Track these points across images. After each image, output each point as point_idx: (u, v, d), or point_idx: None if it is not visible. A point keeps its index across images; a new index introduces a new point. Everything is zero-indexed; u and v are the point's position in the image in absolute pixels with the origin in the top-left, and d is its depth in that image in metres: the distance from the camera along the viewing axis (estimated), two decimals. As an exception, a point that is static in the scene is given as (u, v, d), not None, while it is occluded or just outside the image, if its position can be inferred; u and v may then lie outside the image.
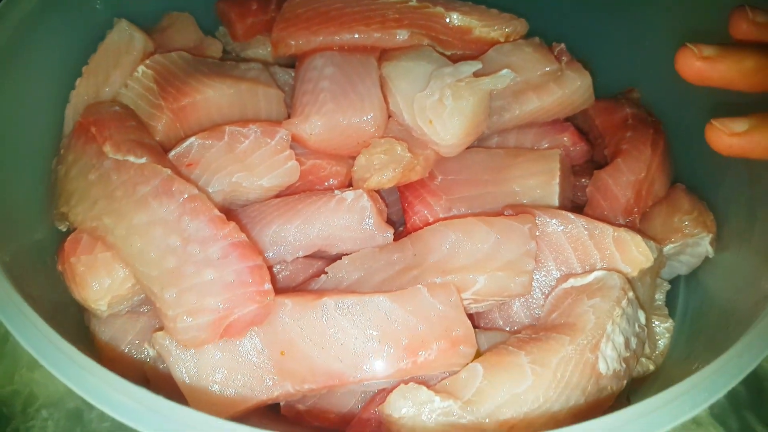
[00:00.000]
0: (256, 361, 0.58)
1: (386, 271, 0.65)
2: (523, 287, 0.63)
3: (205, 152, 0.68)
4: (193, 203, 0.58)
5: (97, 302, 0.61)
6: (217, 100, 0.72)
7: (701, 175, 0.79)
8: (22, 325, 0.49)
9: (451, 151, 0.73)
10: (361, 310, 0.58)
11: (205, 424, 0.40)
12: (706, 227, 0.72)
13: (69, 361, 0.47)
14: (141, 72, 0.73)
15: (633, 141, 0.79)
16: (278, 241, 0.67)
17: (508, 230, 0.64)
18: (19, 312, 0.50)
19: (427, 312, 0.59)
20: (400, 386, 0.54)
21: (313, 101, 0.74)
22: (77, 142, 0.66)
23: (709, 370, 0.46)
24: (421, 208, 0.73)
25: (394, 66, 0.76)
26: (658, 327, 0.72)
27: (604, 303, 0.60)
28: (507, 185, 0.74)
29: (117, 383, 0.45)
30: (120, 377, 0.45)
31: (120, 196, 0.60)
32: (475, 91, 0.71)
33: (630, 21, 0.88)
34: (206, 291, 0.55)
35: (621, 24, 0.89)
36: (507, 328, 0.68)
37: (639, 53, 0.89)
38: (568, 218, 0.67)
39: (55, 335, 0.49)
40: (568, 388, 0.54)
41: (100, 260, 0.61)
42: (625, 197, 0.75)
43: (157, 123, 0.70)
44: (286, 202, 0.70)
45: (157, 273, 0.56)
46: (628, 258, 0.65)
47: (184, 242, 0.57)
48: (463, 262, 0.63)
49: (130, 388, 0.44)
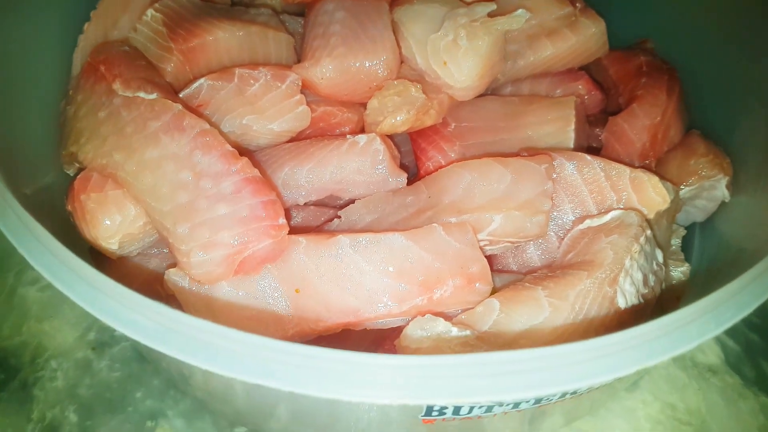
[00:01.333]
0: (270, 298, 0.58)
1: (400, 213, 0.65)
2: (540, 227, 0.62)
3: (214, 94, 0.67)
4: (205, 137, 0.57)
5: (108, 240, 0.60)
6: (226, 42, 0.71)
7: (716, 121, 0.78)
8: (33, 246, 0.48)
9: (466, 93, 0.72)
10: (376, 247, 0.58)
11: (229, 337, 0.39)
12: (723, 169, 0.72)
13: (85, 283, 0.45)
14: (150, 15, 0.72)
15: (648, 87, 0.78)
16: (290, 184, 0.67)
17: (524, 170, 0.63)
18: (32, 236, 0.49)
19: (443, 249, 0.58)
20: (417, 318, 0.54)
21: (324, 45, 0.72)
22: (86, 82, 0.65)
23: (734, 286, 0.45)
24: (435, 153, 0.72)
25: (406, 10, 0.75)
26: (674, 271, 0.71)
27: (622, 239, 0.59)
28: (522, 131, 0.73)
29: (134, 300, 0.43)
30: (137, 293, 0.44)
31: (130, 132, 0.59)
32: (491, 31, 0.70)
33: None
34: (220, 225, 0.55)
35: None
36: (522, 272, 0.67)
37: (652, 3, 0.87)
38: (584, 159, 0.66)
39: (68, 254, 0.47)
40: (586, 320, 0.54)
41: (110, 197, 0.60)
42: (641, 141, 0.74)
43: (166, 65, 0.69)
44: (297, 146, 0.69)
45: (170, 208, 0.56)
46: (644, 199, 0.64)
47: (196, 177, 0.56)
48: (479, 201, 0.62)
49: (147, 304, 0.43)
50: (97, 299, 0.42)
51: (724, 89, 0.78)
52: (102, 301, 0.42)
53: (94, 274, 0.43)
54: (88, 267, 0.43)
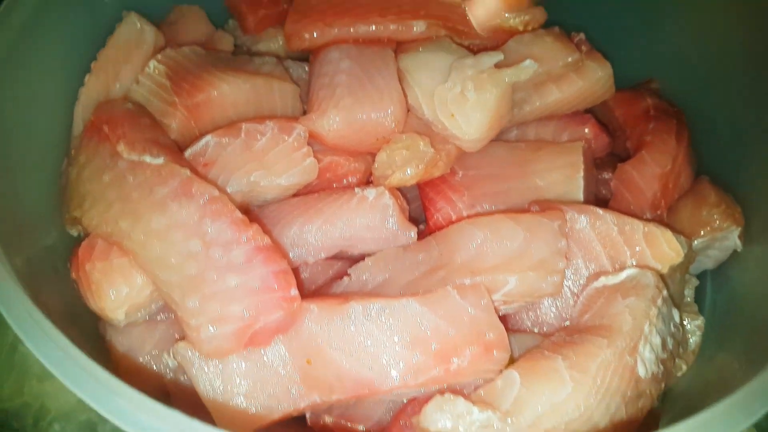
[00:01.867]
0: (281, 370, 0.56)
1: (412, 272, 0.63)
2: (555, 287, 0.61)
3: (221, 151, 0.66)
4: (215, 205, 0.56)
5: (115, 312, 0.59)
6: (232, 95, 0.70)
7: (725, 166, 0.78)
8: (35, 334, 0.48)
9: (473, 145, 0.71)
10: (390, 314, 0.56)
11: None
12: (735, 220, 0.71)
13: (86, 375, 0.45)
14: (153, 67, 0.70)
15: (656, 132, 0.77)
16: (299, 243, 0.65)
17: (537, 227, 0.62)
18: (32, 320, 0.48)
19: (458, 316, 0.57)
20: (436, 397, 0.52)
21: (330, 95, 0.71)
22: (89, 143, 0.63)
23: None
24: (444, 205, 0.71)
25: (412, 58, 0.74)
26: (688, 324, 0.70)
27: (640, 302, 0.58)
28: (530, 180, 0.72)
29: (135, 398, 0.43)
30: (138, 392, 0.44)
31: (137, 198, 0.57)
32: (498, 83, 0.69)
33: (648, 11, 0.86)
34: (230, 298, 0.53)
35: (639, 14, 0.87)
36: (535, 329, 0.66)
37: (658, 43, 0.87)
38: (596, 214, 0.65)
39: (69, 345, 0.47)
40: (609, 393, 0.53)
41: (116, 267, 0.59)
42: (652, 191, 0.73)
43: (170, 121, 0.68)
44: (305, 202, 0.68)
45: (178, 279, 0.54)
46: (658, 254, 0.63)
47: (206, 246, 0.55)
48: (492, 261, 0.61)
49: (149, 403, 0.42)
50: (108, 400, 0.41)
51: (733, 133, 0.77)
52: (114, 403, 0.41)
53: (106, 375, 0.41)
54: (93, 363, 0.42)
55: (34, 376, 0.75)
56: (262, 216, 0.67)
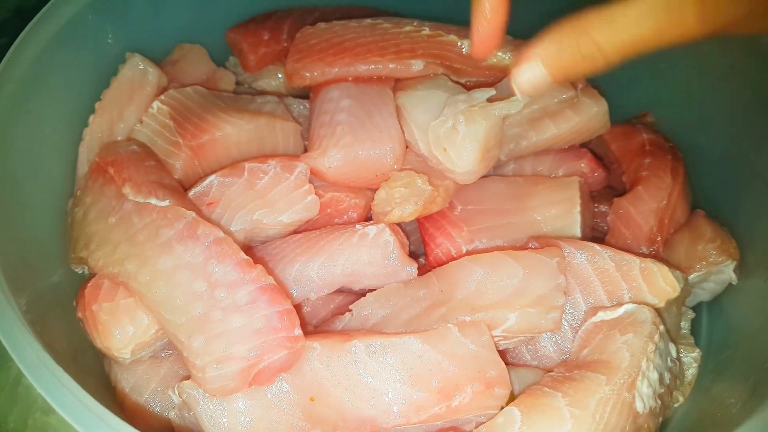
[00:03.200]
0: (285, 407, 0.57)
1: (413, 308, 0.64)
2: (554, 323, 0.62)
3: (225, 190, 0.67)
4: (220, 246, 0.57)
5: (121, 351, 0.60)
6: (235, 136, 0.71)
7: (720, 200, 0.79)
8: (40, 373, 0.49)
9: (467, 178, 0.72)
10: (392, 352, 0.57)
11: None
12: (730, 255, 0.72)
13: (90, 414, 0.46)
14: (156, 108, 0.72)
15: (652, 168, 0.78)
16: (302, 280, 0.66)
17: (536, 264, 0.63)
18: (38, 361, 0.49)
19: (460, 352, 0.58)
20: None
21: (331, 134, 0.73)
22: (94, 184, 0.64)
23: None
24: (443, 241, 0.72)
25: (409, 95, 0.75)
26: (685, 357, 0.71)
27: (638, 339, 0.59)
28: (528, 215, 0.74)
29: None
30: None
31: (143, 240, 0.58)
32: (488, 116, 0.70)
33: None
34: (235, 338, 0.54)
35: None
36: (535, 362, 0.67)
37: (653, 78, 0.88)
38: (594, 250, 0.66)
39: (73, 384, 0.48)
40: (608, 429, 0.53)
41: (122, 307, 0.59)
42: (648, 225, 0.74)
43: (175, 161, 0.69)
44: (307, 239, 0.69)
45: (184, 320, 0.55)
46: (655, 289, 0.65)
47: (211, 287, 0.56)
48: (492, 298, 0.62)
49: None
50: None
51: (728, 167, 0.78)
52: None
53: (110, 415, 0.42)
54: (105, 409, 0.43)
55: (38, 409, 0.75)
56: (264, 253, 0.68)
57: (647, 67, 0.87)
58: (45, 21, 0.68)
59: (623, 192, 0.80)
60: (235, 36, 0.87)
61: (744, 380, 0.65)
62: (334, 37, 0.80)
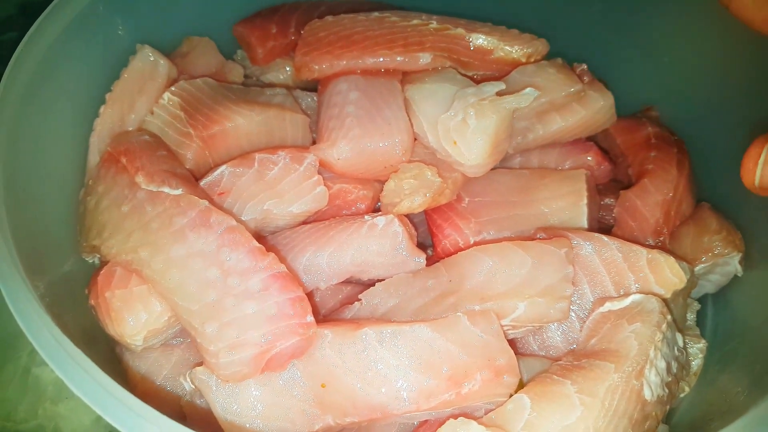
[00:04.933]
0: (297, 394, 0.57)
1: (422, 297, 0.65)
2: (562, 313, 0.63)
3: (236, 180, 0.67)
4: (232, 234, 0.58)
5: (134, 337, 0.60)
6: (246, 127, 0.72)
7: (725, 192, 0.80)
8: (58, 355, 0.49)
9: (476, 171, 0.73)
10: (402, 339, 0.58)
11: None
12: (736, 246, 0.73)
13: (106, 394, 0.47)
14: (167, 99, 0.72)
15: (658, 161, 0.79)
16: (312, 269, 0.67)
17: (544, 254, 0.64)
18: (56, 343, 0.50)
19: (469, 341, 0.58)
20: (450, 421, 0.54)
21: (340, 126, 0.73)
22: (107, 173, 0.65)
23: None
24: (451, 232, 0.73)
25: (417, 88, 0.76)
26: (691, 348, 0.71)
27: (645, 328, 0.60)
28: (535, 207, 0.74)
29: (156, 418, 0.45)
30: (158, 413, 0.46)
31: (156, 228, 0.59)
32: (498, 110, 0.70)
33: (647, 40, 0.88)
34: (248, 324, 0.55)
35: (639, 44, 0.89)
36: (542, 352, 0.67)
37: (657, 72, 0.89)
38: (601, 241, 0.67)
39: (93, 366, 0.49)
40: (616, 416, 0.54)
41: (135, 294, 0.60)
42: (654, 218, 0.74)
43: (186, 151, 0.69)
44: (317, 229, 0.69)
45: (198, 307, 0.56)
46: (661, 279, 0.65)
47: (224, 274, 0.56)
48: (501, 288, 0.63)
49: (168, 423, 0.45)
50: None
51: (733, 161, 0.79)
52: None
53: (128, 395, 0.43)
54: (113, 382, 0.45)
55: (48, 399, 0.76)
56: (275, 243, 0.69)
57: (652, 61, 0.88)
58: (55, 13, 0.68)
59: (629, 185, 0.81)
60: (242, 30, 0.88)
61: (749, 371, 0.66)
62: (343, 30, 0.80)
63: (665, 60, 0.87)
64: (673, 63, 0.87)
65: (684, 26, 0.84)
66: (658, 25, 0.86)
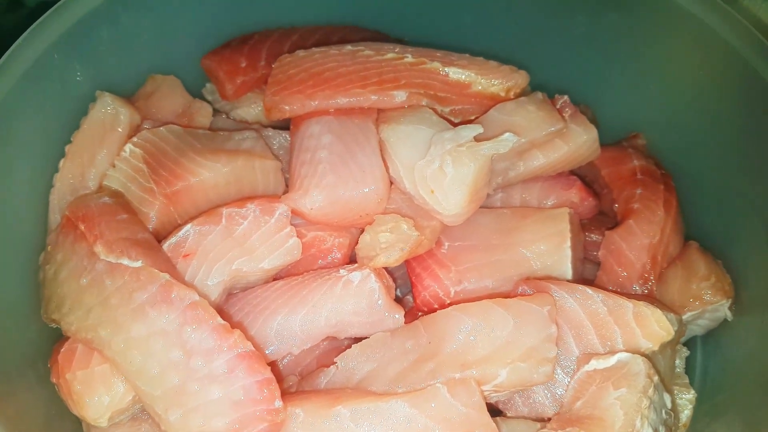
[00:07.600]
0: (268, 480, 0.55)
1: (400, 361, 0.62)
2: (546, 376, 0.60)
3: (202, 240, 0.64)
4: (195, 311, 0.55)
5: (97, 420, 0.57)
6: (212, 180, 0.68)
7: (713, 231, 0.77)
8: None
9: (455, 220, 0.70)
10: (378, 417, 0.55)
11: None
12: (725, 293, 0.70)
13: None
14: (129, 151, 0.68)
15: (644, 200, 0.76)
16: (284, 334, 0.64)
17: (526, 313, 0.61)
18: None
19: (449, 415, 0.56)
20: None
21: (312, 173, 0.70)
22: (65, 240, 0.62)
23: None
24: (431, 283, 0.70)
25: (393, 129, 0.72)
26: (680, 398, 0.69)
27: (631, 395, 0.57)
28: (517, 251, 0.71)
29: None
30: None
31: (115, 305, 0.56)
32: (476, 157, 0.67)
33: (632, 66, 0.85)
34: (213, 411, 0.52)
35: (623, 69, 0.85)
36: (527, 410, 0.65)
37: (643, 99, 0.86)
38: (586, 294, 0.65)
39: None
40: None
41: (97, 375, 0.57)
42: (641, 262, 0.72)
43: (149, 209, 0.66)
44: (289, 287, 0.66)
45: (160, 392, 0.53)
46: (648, 333, 0.63)
47: (187, 355, 0.53)
48: (482, 352, 0.60)
49: None
50: None
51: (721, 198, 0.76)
52: None
53: None
54: None
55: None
56: (245, 303, 0.66)
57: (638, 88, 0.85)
58: (8, 66, 0.65)
59: (614, 218, 0.78)
60: (210, 63, 0.84)
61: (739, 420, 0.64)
62: (314, 66, 0.77)
63: (651, 88, 0.84)
64: (659, 91, 0.84)
65: (671, 53, 0.81)
66: (644, 51, 0.83)
